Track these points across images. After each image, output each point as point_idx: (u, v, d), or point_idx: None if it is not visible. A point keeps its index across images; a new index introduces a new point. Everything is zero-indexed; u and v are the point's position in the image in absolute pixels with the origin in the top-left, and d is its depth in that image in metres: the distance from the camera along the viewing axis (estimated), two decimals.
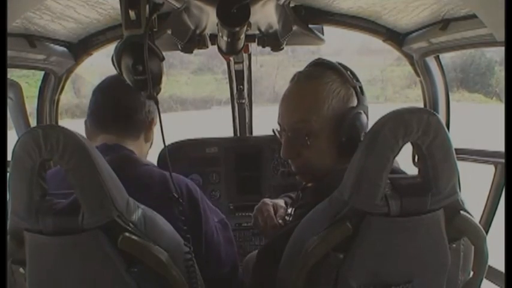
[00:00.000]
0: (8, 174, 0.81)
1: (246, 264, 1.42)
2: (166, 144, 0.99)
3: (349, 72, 1.08)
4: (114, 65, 0.88)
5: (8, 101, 1.48)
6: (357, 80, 1.08)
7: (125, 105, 1.07)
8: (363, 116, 1.04)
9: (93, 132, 1.08)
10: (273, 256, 0.97)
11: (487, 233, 1.35)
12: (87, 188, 0.79)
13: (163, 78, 0.91)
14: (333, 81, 1.06)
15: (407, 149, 0.89)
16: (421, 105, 1.75)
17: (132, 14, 0.81)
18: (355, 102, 1.06)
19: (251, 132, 2.32)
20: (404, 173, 1.01)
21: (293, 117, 1.07)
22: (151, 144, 1.19)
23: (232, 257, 1.10)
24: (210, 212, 1.07)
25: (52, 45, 1.49)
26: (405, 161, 0.95)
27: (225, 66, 2.02)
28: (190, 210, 1.00)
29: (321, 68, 1.10)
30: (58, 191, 0.85)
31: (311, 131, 1.04)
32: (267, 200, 1.31)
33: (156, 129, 1.12)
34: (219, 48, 1.36)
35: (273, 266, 0.97)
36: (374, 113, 1.13)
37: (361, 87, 1.07)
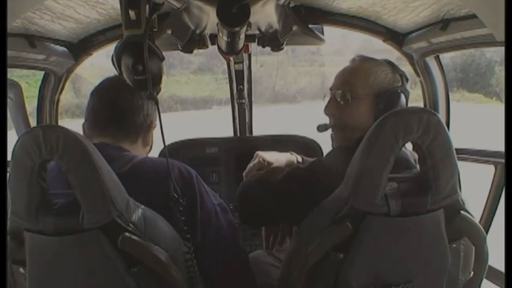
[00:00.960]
0: (8, 174, 0.81)
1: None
2: (166, 144, 0.99)
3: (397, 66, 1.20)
4: (114, 65, 0.88)
5: (8, 101, 1.48)
6: (404, 73, 1.20)
7: (121, 107, 1.05)
8: (402, 95, 1.14)
9: (90, 135, 1.06)
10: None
11: (487, 233, 1.35)
12: (87, 188, 0.79)
13: (163, 78, 0.91)
14: (383, 65, 1.18)
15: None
16: (421, 105, 1.75)
17: (132, 14, 0.81)
18: (399, 84, 1.16)
19: (251, 132, 2.32)
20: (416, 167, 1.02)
21: (342, 80, 1.19)
22: (151, 148, 1.16)
23: (235, 240, 1.06)
24: (207, 195, 1.04)
25: (52, 45, 1.49)
26: None
27: (225, 66, 2.02)
28: (183, 194, 0.96)
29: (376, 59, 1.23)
30: (53, 188, 0.85)
31: (355, 93, 1.15)
32: (261, 154, 1.35)
33: (156, 129, 1.12)
34: (219, 48, 1.36)
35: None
36: None
37: (406, 77, 1.18)
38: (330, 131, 1.22)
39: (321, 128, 1.23)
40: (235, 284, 1.05)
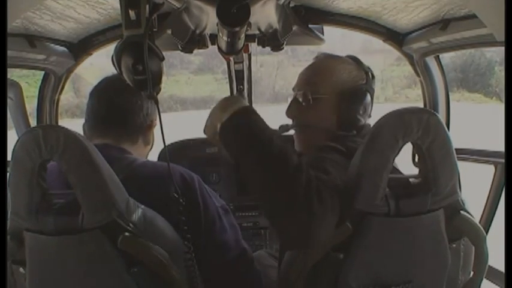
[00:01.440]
0: (8, 174, 0.81)
1: None
2: (166, 144, 0.99)
3: (363, 63, 1.18)
4: (114, 65, 0.88)
5: (8, 101, 1.48)
6: (369, 69, 1.18)
7: (121, 107, 1.05)
8: (367, 93, 1.12)
9: (90, 136, 1.06)
10: None
11: (487, 233, 1.35)
12: (87, 188, 0.79)
13: (163, 78, 0.91)
14: (348, 63, 1.16)
15: (407, 149, 0.89)
16: (421, 105, 1.75)
17: (132, 14, 0.81)
18: (363, 82, 1.14)
19: None
20: (400, 172, 1.01)
21: (304, 80, 1.17)
22: (152, 147, 1.16)
23: (238, 241, 1.06)
24: (210, 198, 1.03)
25: (52, 45, 1.49)
26: (405, 161, 0.95)
27: (225, 66, 2.01)
28: (187, 199, 0.95)
29: (340, 56, 1.22)
30: (53, 187, 0.85)
31: (316, 93, 1.12)
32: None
33: (156, 129, 1.12)
34: (219, 48, 1.36)
35: None
36: (374, 113, 1.14)
37: (372, 74, 1.17)
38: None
39: (282, 129, 1.18)
40: (241, 285, 1.05)
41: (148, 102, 1.08)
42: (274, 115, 1.18)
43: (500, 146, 1.03)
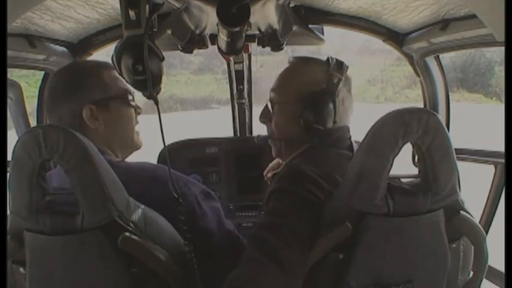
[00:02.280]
0: (8, 174, 0.81)
1: None
2: (166, 144, 0.99)
3: (334, 63, 1.11)
4: (114, 65, 0.88)
5: (8, 101, 1.48)
6: (340, 72, 1.10)
7: None
8: (325, 97, 1.07)
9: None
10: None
11: (487, 233, 1.35)
12: (87, 188, 0.79)
13: (163, 78, 0.91)
14: (315, 66, 1.13)
15: (407, 149, 0.89)
16: (421, 105, 1.75)
17: (132, 14, 0.81)
18: (324, 86, 1.09)
19: (251, 132, 2.32)
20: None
21: (273, 86, 1.18)
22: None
23: (221, 224, 1.04)
24: (186, 187, 1.00)
25: (52, 45, 1.49)
26: (405, 161, 0.95)
27: (225, 66, 2.02)
28: (159, 195, 0.94)
29: (312, 57, 1.19)
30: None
31: (277, 101, 1.14)
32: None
33: (156, 130, 1.11)
34: (219, 48, 1.36)
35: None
36: (374, 113, 1.13)
37: (339, 78, 1.09)
38: None
39: (260, 140, 1.24)
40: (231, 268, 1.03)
41: None
42: None
43: (500, 146, 1.03)
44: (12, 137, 0.88)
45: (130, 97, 1.07)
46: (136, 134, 1.13)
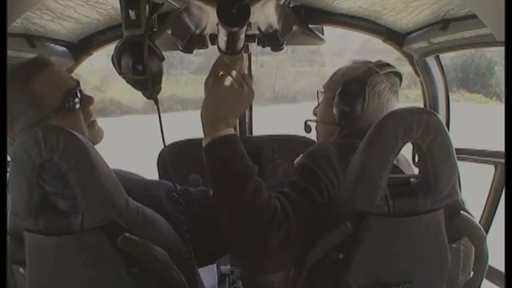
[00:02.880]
0: (8, 174, 0.81)
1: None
2: (167, 144, 0.99)
3: (377, 61, 1.19)
4: (114, 65, 0.88)
5: None
6: (378, 67, 1.16)
7: None
8: (353, 84, 1.13)
9: None
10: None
11: (487, 233, 1.35)
12: (87, 188, 0.79)
13: (163, 78, 0.91)
14: (361, 64, 1.19)
15: (407, 149, 0.89)
16: (421, 105, 1.75)
17: (132, 14, 0.81)
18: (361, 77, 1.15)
19: (251, 132, 2.32)
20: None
21: (326, 82, 1.26)
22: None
23: (187, 193, 1.02)
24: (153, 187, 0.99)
25: (52, 45, 1.49)
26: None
27: None
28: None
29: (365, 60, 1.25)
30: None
31: (323, 91, 1.25)
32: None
33: (156, 130, 1.11)
34: (219, 48, 1.36)
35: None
36: None
37: (375, 71, 1.15)
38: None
39: (307, 127, 1.33)
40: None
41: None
42: (274, 115, 1.18)
43: (500, 146, 1.03)
44: None
45: (70, 99, 0.95)
46: (92, 128, 1.02)
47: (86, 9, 1.26)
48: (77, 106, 0.97)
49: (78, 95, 0.98)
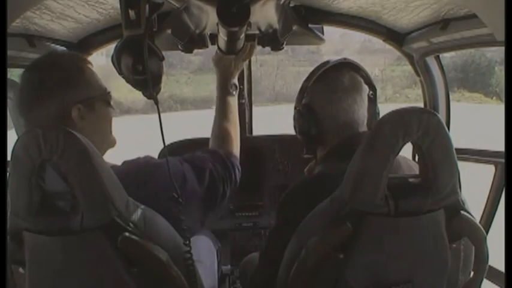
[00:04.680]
0: (8, 174, 0.81)
1: (244, 267, 1.42)
2: (166, 144, 0.99)
3: None
4: (114, 64, 0.88)
5: (8, 101, 1.48)
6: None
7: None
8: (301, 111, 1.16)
9: None
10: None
11: (487, 233, 1.35)
12: (86, 187, 0.79)
13: (163, 78, 0.91)
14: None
15: (407, 149, 0.89)
16: (421, 105, 1.75)
17: (132, 13, 0.81)
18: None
19: (251, 132, 2.32)
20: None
21: None
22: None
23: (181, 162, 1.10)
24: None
25: (52, 45, 1.49)
26: None
27: None
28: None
29: None
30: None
31: None
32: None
33: (156, 129, 1.11)
34: (219, 48, 1.36)
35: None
36: None
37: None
38: None
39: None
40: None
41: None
42: (274, 115, 1.18)
43: (500, 146, 1.02)
44: (12, 137, 0.88)
45: (109, 96, 1.05)
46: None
47: (86, 9, 1.26)
48: (112, 103, 1.06)
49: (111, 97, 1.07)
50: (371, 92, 1.18)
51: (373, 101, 1.19)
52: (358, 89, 1.13)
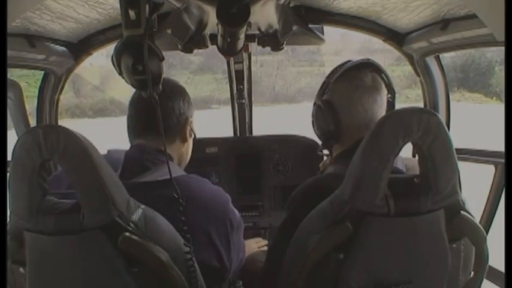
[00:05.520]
0: (8, 174, 0.81)
1: (245, 266, 1.42)
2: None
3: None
4: (114, 65, 0.88)
5: (8, 101, 1.48)
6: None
7: (152, 115, 1.02)
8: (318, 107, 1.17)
9: (130, 140, 1.13)
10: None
11: (487, 233, 1.35)
12: (87, 187, 0.79)
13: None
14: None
15: (407, 149, 0.89)
16: (421, 105, 1.75)
17: (132, 13, 0.81)
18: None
19: (251, 132, 2.32)
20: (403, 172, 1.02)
21: None
22: (192, 139, 1.20)
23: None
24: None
25: (52, 45, 1.49)
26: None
27: (225, 66, 2.01)
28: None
29: None
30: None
31: None
32: None
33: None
34: (219, 48, 1.36)
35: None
36: None
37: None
38: None
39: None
40: None
41: (181, 101, 1.13)
42: (274, 115, 1.19)
43: (500, 146, 1.02)
44: (12, 137, 0.88)
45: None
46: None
47: (86, 9, 1.26)
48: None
49: None
50: (389, 95, 1.18)
51: (391, 104, 1.19)
52: (378, 90, 1.13)
